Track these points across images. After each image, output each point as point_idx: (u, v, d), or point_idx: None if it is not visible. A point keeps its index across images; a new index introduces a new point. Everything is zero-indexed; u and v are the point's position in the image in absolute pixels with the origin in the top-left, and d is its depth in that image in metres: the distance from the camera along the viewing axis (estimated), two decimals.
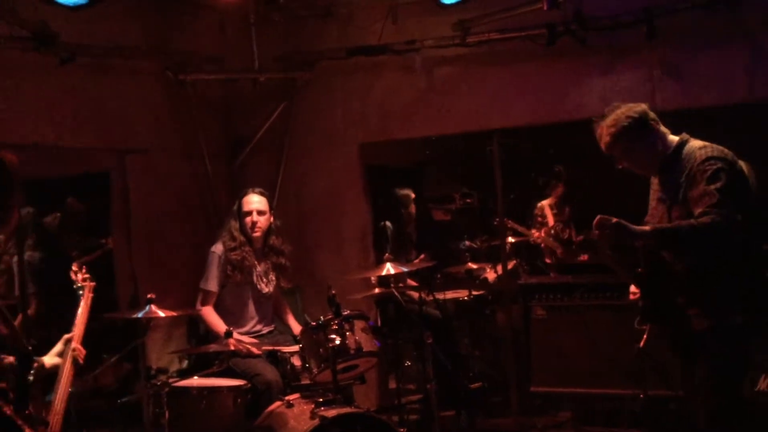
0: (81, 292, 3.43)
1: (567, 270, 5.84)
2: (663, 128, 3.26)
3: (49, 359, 3.05)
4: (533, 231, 6.46)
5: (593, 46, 4.86)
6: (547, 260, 6.67)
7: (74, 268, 3.54)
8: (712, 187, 2.99)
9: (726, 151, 3.13)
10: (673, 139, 3.24)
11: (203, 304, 4.56)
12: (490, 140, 5.34)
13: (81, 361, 3.14)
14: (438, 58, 5.29)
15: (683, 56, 4.80)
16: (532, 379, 4.60)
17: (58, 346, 3.14)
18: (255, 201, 4.62)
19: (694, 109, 4.70)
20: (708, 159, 3.07)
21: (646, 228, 3.10)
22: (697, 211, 2.99)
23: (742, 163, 3.16)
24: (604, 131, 3.21)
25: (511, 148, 5.53)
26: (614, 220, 3.02)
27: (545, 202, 6.45)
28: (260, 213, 4.61)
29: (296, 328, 4.75)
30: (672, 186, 3.15)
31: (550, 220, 6.46)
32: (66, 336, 3.17)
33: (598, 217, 3.06)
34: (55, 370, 3.05)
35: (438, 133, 5.55)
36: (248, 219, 4.59)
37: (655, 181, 3.32)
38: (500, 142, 5.25)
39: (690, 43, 4.77)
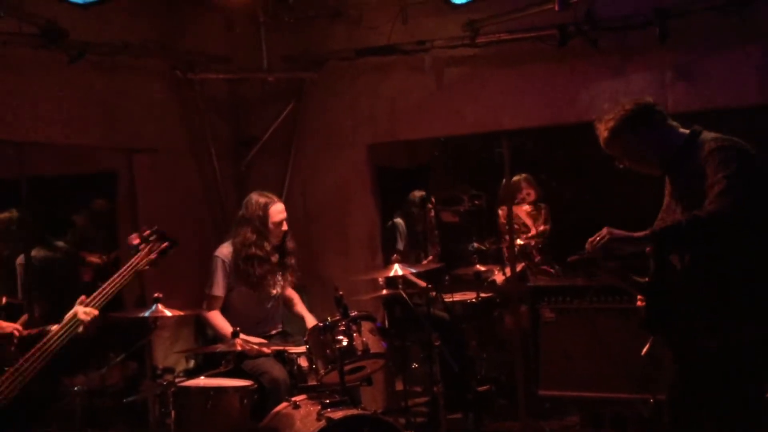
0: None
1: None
2: (671, 121, 3.04)
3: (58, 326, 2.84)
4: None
5: (604, 47, 4.84)
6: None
7: (144, 233, 3.19)
8: (720, 174, 2.74)
9: (738, 140, 2.90)
10: (684, 132, 3.02)
11: (209, 308, 4.53)
12: (498, 141, 5.31)
13: (86, 325, 2.80)
14: (447, 59, 5.26)
15: (695, 58, 4.77)
16: (540, 383, 4.56)
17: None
18: (282, 210, 4.58)
19: (707, 111, 4.66)
20: (716, 149, 2.84)
21: (644, 233, 2.85)
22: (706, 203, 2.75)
23: None
24: (602, 126, 3.03)
25: (520, 150, 5.49)
26: (604, 229, 2.82)
27: (520, 210, 6.32)
28: (286, 221, 4.60)
29: (308, 317, 4.72)
30: (684, 182, 2.93)
31: (532, 228, 6.39)
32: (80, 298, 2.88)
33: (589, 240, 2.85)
34: None
35: (447, 134, 5.54)
36: (277, 230, 4.54)
37: (668, 179, 3.09)
38: (509, 143, 5.22)
39: (702, 45, 4.74)
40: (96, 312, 2.77)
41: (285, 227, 4.58)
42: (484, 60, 5.18)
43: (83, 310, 2.77)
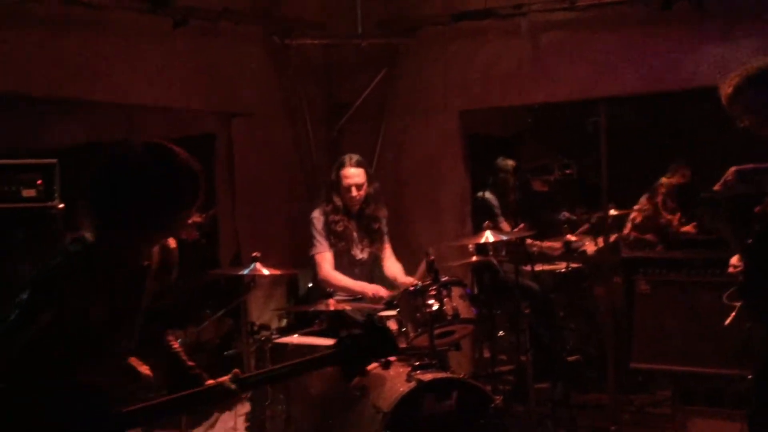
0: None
1: (675, 245, 5.65)
2: None
3: None
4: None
5: (711, 10, 4.63)
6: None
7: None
8: None
9: None
10: None
11: (324, 269, 4.58)
12: (594, 108, 5.18)
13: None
14: (545, 23, 5.15)
15: None
16: (633, 355, 4.48)
17: None
18: (353, 174, 4.62)
19: None
20: None
21: None
22: None
23: None
24: (726, 83, 2.97)
25: (618, 118, 5.34)
26: (731, 168, 2.81)
27: (671, 180, 6.22)
28: (358, 187, 4.63)
29: (402, 278, 4.71)
30: None
31: (671, 204, 6.28)
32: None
33: None
34: None
35: (542, 101, 5.41)
36: (347, 195, 4.62)
37: None
38: (607, 111, 5.09)
39: None
40: None
41: (354, 193, 4.60)
42: (582, 24, 5.04)
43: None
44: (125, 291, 2.18)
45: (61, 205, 3.47)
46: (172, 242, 2.36)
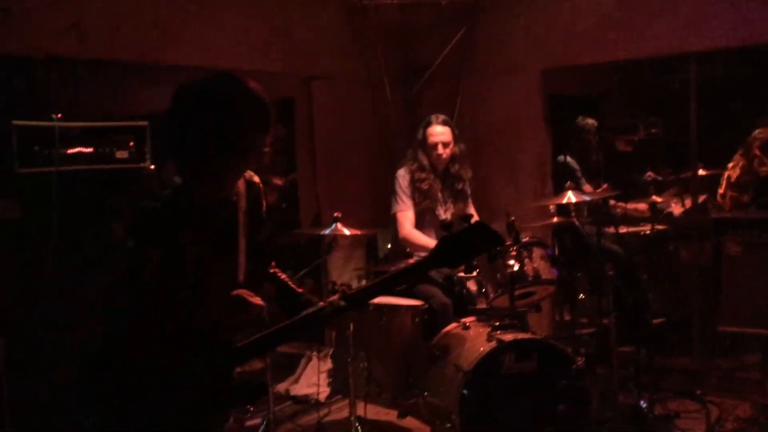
0: None
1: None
2: None
3: None
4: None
5: None
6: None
7: None
8: None
9: None
10: None
11: (405, 227, 4.61)
12: (682, 64, 4.97)
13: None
14: None
15: None
16: (721, 319, 4.34)
17: None
18: (439, 132, 4.64)
19: None
20: None
21: None
22: None
23: None
24: None
25: (707, 74, 5.12)
26: None
27: (764, 134, 5.95)
28: (445, 145, 4.64)
29: None
30: None
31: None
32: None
33: None
34: None
35: (628, 57, 5.22)
36: (433, 153, 4.62)
37: None
38: (696, 66, 4.88)
39: None
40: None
41: (441, 150, 4.61)
42: None
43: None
44: (221, 227, 2.26)
45: (152, 166, 3.59)
46: (255, 177, 2.43)
